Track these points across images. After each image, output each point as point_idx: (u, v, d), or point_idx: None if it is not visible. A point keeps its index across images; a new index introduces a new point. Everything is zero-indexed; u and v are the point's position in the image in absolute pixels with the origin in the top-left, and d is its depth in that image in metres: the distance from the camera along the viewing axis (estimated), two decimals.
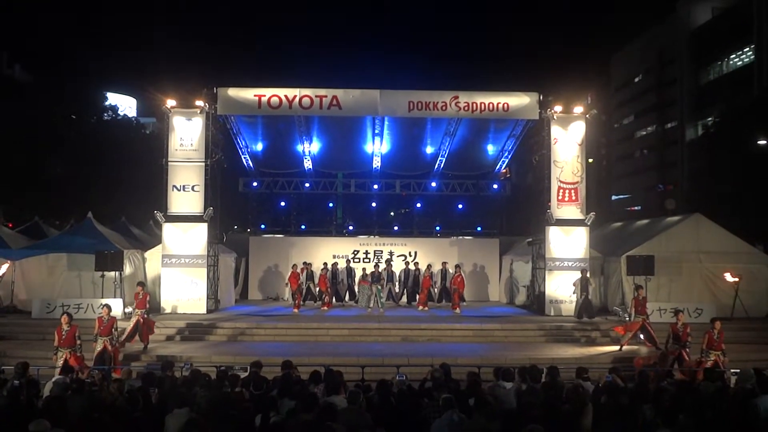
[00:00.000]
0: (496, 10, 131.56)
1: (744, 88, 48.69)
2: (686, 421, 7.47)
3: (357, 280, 24.65)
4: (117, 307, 19.89)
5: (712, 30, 56.91)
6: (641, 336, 17.63)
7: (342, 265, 25.79)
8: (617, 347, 17.76)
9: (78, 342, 13.94)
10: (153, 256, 22.84)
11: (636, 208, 66.38)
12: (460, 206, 30.25)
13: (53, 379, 10.35)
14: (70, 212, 32.14)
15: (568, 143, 22.28)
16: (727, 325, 18.26)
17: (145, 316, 17.46)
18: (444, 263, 24.92)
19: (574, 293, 20.98)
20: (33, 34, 47.25)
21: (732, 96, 47.73)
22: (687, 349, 14.72)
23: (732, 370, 12.46)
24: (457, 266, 24.01)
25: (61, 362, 13.24)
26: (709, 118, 50.64)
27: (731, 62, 55.45)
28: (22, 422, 7.06)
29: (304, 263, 24.40)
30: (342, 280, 25.48)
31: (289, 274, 23.96)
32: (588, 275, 21.03)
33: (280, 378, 9.91)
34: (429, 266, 24.70)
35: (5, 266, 21.22)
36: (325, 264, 24.76)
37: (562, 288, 21.79)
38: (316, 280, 24.34)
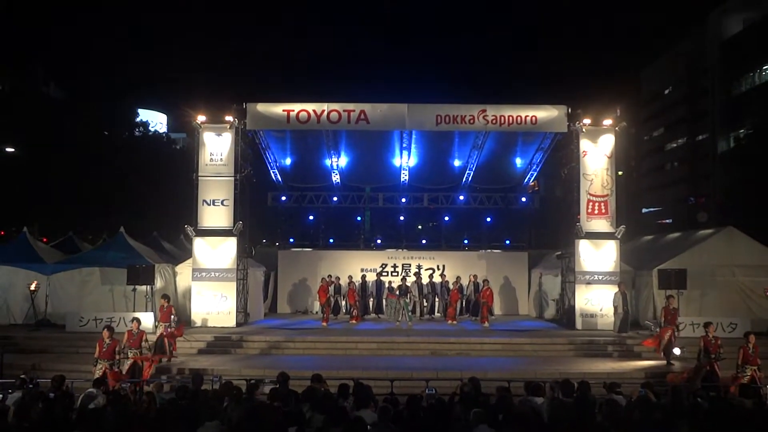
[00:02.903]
0: (525, 22, 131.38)
1: None
2: None
3: (385, 293, 24.70)
4: (148, 320, 20.16)
5: (743, 41, 56.11)
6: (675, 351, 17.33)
7: (370, 278, 25.89)
8: (650, 362, 17.54)
9: (117, 357, 14.17)
10: (183, 270, 23.09)
11: (667, 221, 65.57)
12: (489, 219, 30.11)
13: (86, 392, 10.48)
14: (103, 227, 32.63)
15: (598, 156, 22.13)
16: (762, 340, 17.93)
17: (170, 329, 17.60)
18: (473, 276, 24.88)
19: (616, 308, 20.72)
20: (67, 52, 48.20)
21: (765, 107, 46.99)
22: (718, 363, 14.50)
23: None
24: (485, 280, 23.93)
25: (99, 374, 13.43)
26: (742, 130, 49.95)
27: (764, 73, 54.64)
28: None
29: (329, 276, 24.53)
30: (371, 293, 25.56)
31: (318, 287, 24.06)
32: (624, 289, 20.86)
33: (305, 391, 9.91)
34: (458, 278, 24.66)
35: (33, 284, 21.58)
36: (350, 277, 24.83)
37: (592, 302, 21.60)
38: (343, 293, 24.53)
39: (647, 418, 8.30)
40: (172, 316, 18.05)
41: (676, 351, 17.14)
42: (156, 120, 69.17)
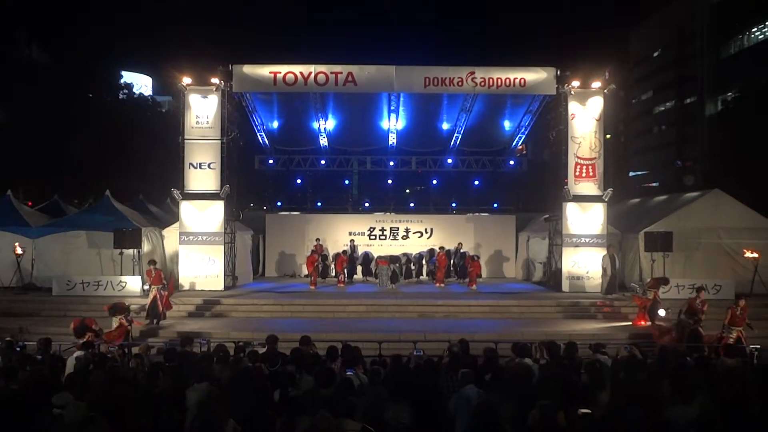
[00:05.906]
0: None
1: (765, 63, 47.83)
2: (705, 397, 7.42)
3: (374, 263, 24.94)
4: (135, 284, 20.15)
5: (733, 4, 55.82)
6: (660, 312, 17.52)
7: (359, 241, 26.13)
8: (629, 323, 17.84)
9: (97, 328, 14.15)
10: (171, 233, 22.97)
11: (654, 184, 65.83)
12: (477, 183, 30.09)
13: (75, 355, 10.47)
14: (89, 190, 32.35)
15: (586, 119, 22.08)
16: (747, 302, 18.10)
17: (163, 291, 17.64)
18: (460, 244, 25.21)
19: (605, 269, 20.87)
20: (49, 13, 47.02)
21: (753, 70, 46.95)
22: (701, 326, 14.65)
23: (753, 346, 12.38)
24: (475, 256, 24.19)
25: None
26: (729, 93, 49.93)
27: (753, 36, 54.48)
28: (46, 396, 7.17)
29: (318, 240, 24.70)
30: (359, 260, 25.79)
31: (307, 257, 24.14)
32: (613, 252, 21.05)
33: (291, 353, 9.94)
34: (447, 251, 25.07)
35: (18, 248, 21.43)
36: (344, 252, 25.11)
37: (579, 264, 21.76)
38: (330, 259, 24.87)
39: (632, 378, 8.40)
40: (163, 279, 18.10)
41: (662, 312, 17.31)
42: (141, 83, 68.25)
